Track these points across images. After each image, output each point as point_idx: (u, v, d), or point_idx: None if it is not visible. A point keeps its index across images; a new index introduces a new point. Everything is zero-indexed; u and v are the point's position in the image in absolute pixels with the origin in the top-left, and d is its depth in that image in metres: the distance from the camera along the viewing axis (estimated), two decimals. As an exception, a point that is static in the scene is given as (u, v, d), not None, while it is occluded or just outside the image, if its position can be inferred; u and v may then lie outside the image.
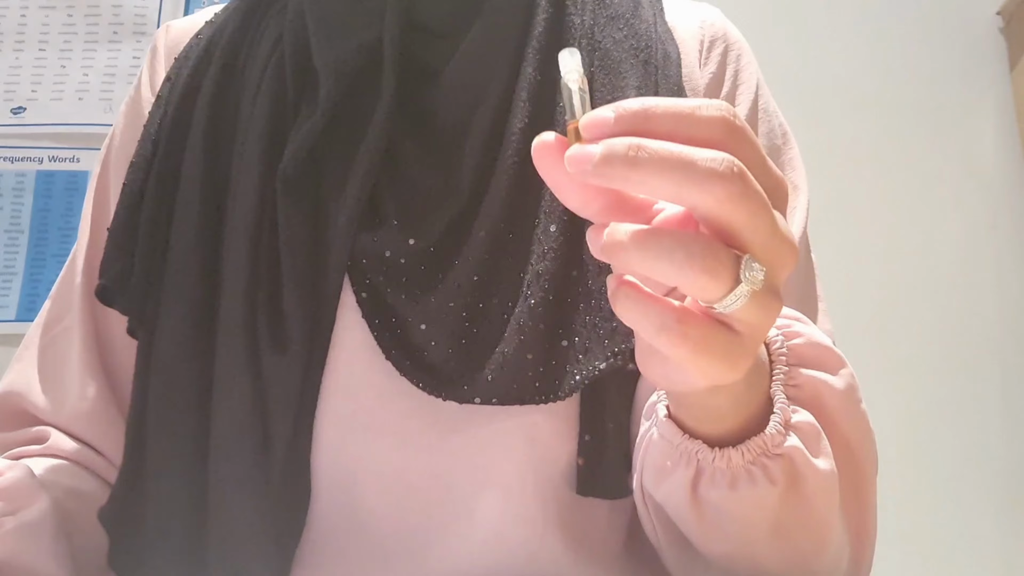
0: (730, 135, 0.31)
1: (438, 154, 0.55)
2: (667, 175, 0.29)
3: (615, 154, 0.30)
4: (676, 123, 0.30)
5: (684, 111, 0.31)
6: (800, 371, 0.44)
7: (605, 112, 0.31)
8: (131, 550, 0.54)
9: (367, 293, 0.53)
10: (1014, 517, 1.44)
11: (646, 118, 0.30)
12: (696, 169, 0.29)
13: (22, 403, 0.62)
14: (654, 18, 0.61)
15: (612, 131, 0.30)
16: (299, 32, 0.59)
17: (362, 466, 0.52)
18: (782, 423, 0.42)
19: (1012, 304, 1.54)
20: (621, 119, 0.30)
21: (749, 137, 0.31)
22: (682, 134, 0.30)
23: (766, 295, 0.31)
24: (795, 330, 0.45)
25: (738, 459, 0.41)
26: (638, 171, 0.29)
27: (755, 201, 0.30)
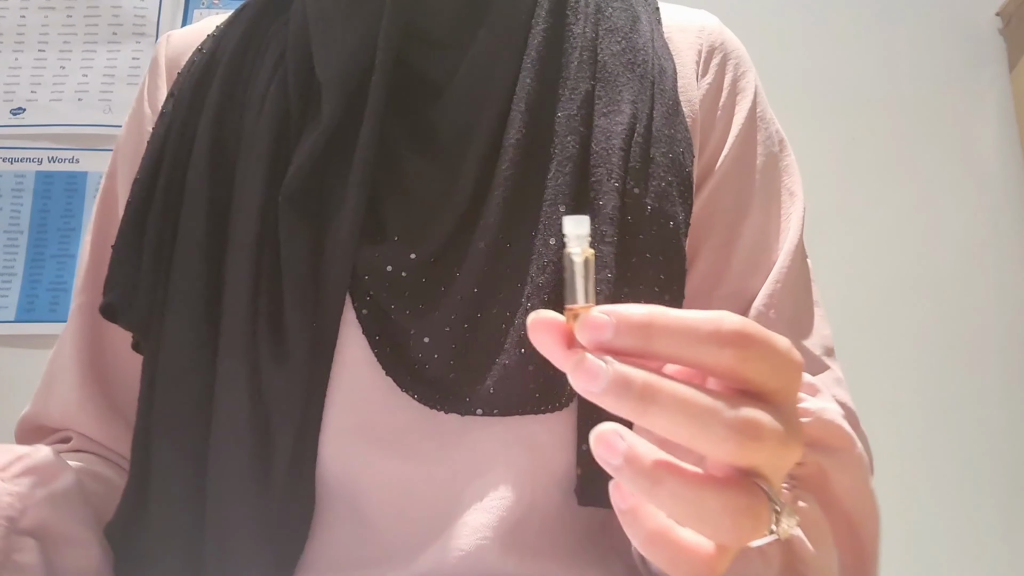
0: (743, 361, 0.29)
1: (439, 166, 0.55)
2: (680, 426, 0.28)
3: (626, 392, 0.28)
4: (681, 346, 0.29)
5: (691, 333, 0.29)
6: (807, 451, 0.43)
7: (603, 319, 0.29)
8: (135, 565, 0.54)
9: (368, 309, 0.53)
10: (1015, 517, 1.45)
11: (647, 335, 0.29)
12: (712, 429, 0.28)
13: (39, 420, 0.64)
14: (652, 32, 0.61)
15: (610, 344, 0.29)
16: (302, 47, 0.59)
17: (364, 479, 0.52)
18: None
19: (1012, 304, 1.54)
20: (621, 331, 0.29)
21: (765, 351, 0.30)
22: (688, 359, 0.29)
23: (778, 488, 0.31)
24: (805, 407, 0.44)
25: None
26: (649, 416, 0.28)
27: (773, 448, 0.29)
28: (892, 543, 0.52)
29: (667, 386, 0.28)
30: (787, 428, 0.30)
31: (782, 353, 0.30)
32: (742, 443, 0.28)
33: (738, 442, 0.28)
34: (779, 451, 0.29)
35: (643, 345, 0.29)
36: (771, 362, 0.30)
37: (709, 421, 0.28)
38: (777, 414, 0.30)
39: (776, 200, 0.62)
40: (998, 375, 1.51)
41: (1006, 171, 1.59)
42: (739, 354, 0.29)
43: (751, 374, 0.29)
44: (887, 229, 1.56)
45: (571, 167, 0.54)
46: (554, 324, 0.30)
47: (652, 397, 0.28)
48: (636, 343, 0.29)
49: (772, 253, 0.60)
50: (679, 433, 0.28)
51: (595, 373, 0.28)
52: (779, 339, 0.30)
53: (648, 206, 0.54)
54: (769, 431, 0.29)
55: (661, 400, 0.28)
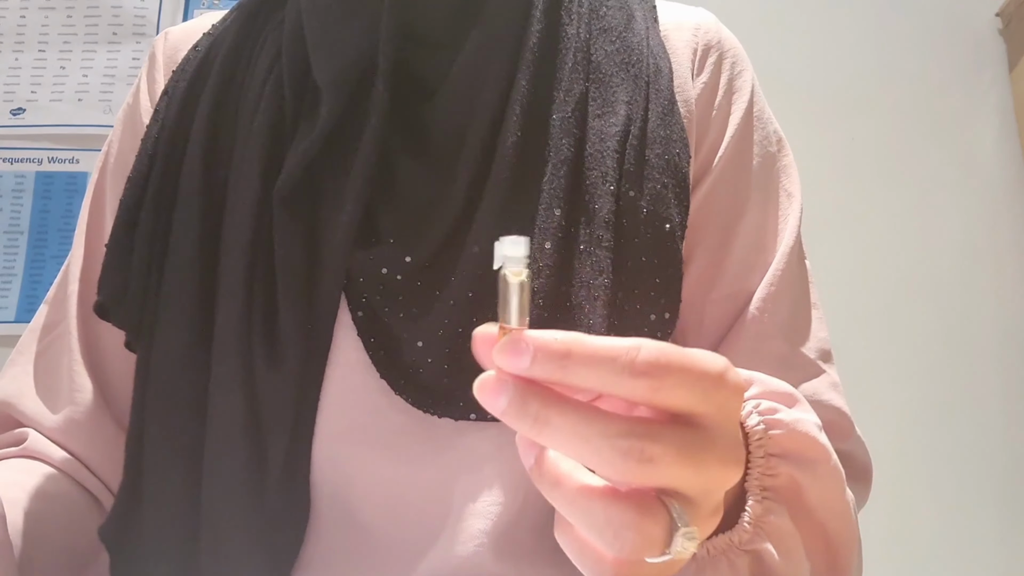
0: (658, 390, 0.29)
1: (434, 168, 0.55)
2: (572, 449, 0.29)
3: (522, 415, 0.29)
4: (597, 377, 0.29)
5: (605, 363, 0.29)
6: (779, 462, 0.44)
7: (522, 346, 0.29)
8: (131, 566, 0.54)
9: (362, 312, 0.53)
10: (1014, 517, 1.45)
11: (564, 365, 0.29)
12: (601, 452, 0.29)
13: (10, 412, 0.62)
14: (647, 31, 0.61)
15: (528, 370, 0.29)
16: (297, 47, 0.58)
17: (357, 482, 0.52)
18: (751, 522, 0.42)
19: (1012, 304, 1.53)
20: (539, 359, 0.29)
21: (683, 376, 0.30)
22: (604, 390, 0.30)
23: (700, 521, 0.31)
24: (778, 418, 0.44)
25: (703, 553, 0.42)
26: (543, 438, 0.30)
27: (672, 467, 0.29)
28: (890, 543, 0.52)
29: (561, 410, 0.29)
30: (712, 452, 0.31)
31: (710, 376, 0.31)
32: (629, 466, 0.29)
33: (625, 465, 0.29)
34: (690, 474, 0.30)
35: (560, 376, 0.29)
36: (693, 388, 0.30)
37: (597, 444, 0.29)
38: (703, 439, 0.31)
39: (773, 201, 0.61)
40: (996, 376, 1.51)
41: (1006, 172, 1.59)
42: (653, 384, 0.29)
43: (669, 402, 0.30)
44: (886, 230, 1.56)
45: (566, 170, 0.54)
46: (491, 339, 0.30)
47: (546, 420, 0.29)
48: (553, 373, 0.29)
49: (768, 255, 0.59)
50: (572, 453, 0.30)
51: (497, 392, 0.30)
52: (710, 364, 0.31)
53: (643, 209, 0.54)
54: (663, 455, 0.29)
55: (554, 423, 0.29)
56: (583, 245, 0.52)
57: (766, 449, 0.43)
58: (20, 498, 0.54)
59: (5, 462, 0.59)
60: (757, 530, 0.42)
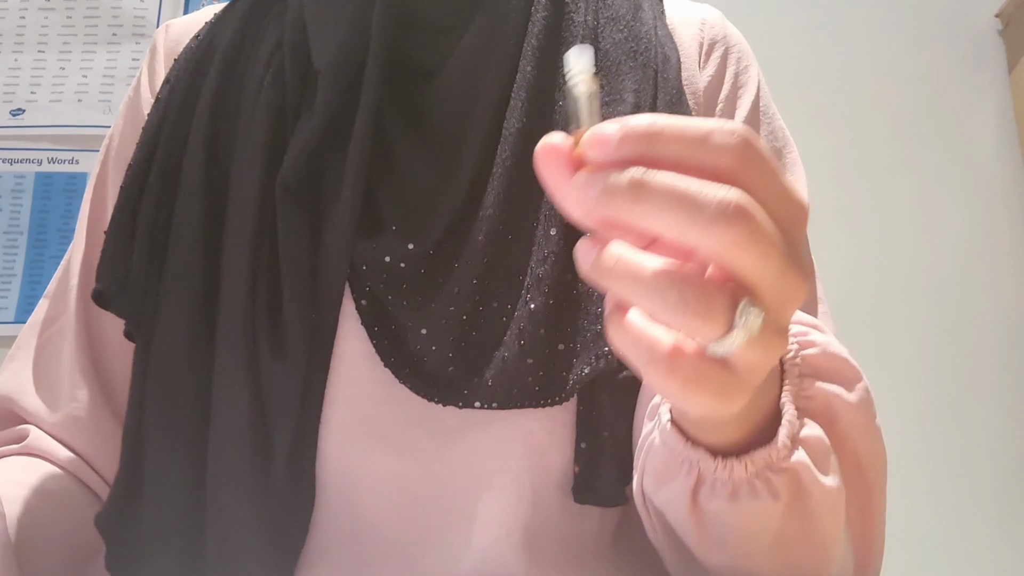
0: (745, 165, 0.29)
1: (436, 155, 0.55)
2: (670, 214, 0.28)
3: (617, 188, 0.28)
4: (685, 149, 0.29)
5: (694, 135, 0.29)
6: (813, 383, 0.43)
7: (610, 129, 0.29)
8: (128, 556, 0.53)
9: (366, 301, 0.52)
10: (1013, 517, 1.44)
11: (652, 141, 0.29)
12: (700, 211, 0.28)
13: (11, 407, 0.61)
14: (654, 20, 0.61)
15: (616, 152, 0.29)
16: (298, 35, 0.58)
17: (362, 473, 0.52)
18: (789, 437, 0.40)
19: (1012, 304, 1.53)
20: (625, 140, 0.29)
21: (766, 165, 0.29)
22: (692, 162, 0.29)
23: (768, 335, 0.30)
24: (811, 339, 0.44)
25: (740, 471, 0.40)
26: (640, 207, 0.28)
27: (762, 244, 0.28)
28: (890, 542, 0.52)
29: (657, 173, 0.28)
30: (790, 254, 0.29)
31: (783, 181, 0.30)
32: (731, 226, 0.28)
33: (727, 226, 0.28)
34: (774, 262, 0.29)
35: (647, 150, 0.29)
36: (772, 179, 0.29)
37: (700, 202, 0.28)
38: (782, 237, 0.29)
39: None
40: (996, 374, 1.51)
41: (1005, 172, 1.59)
42: (740, 155, 0.28)
43: (755, 182, 0.29)
44: (886, 229, 1.56)
45: None
46: (560, 149, 0.30)
47: (643, 184, 0.28)
48: (641, 149, 0.29)
49: None
50: (669, 220, 0.28)
51: (592, 181, 0.29)
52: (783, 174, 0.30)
53: None
54: (762, 223, 0.28)
55: (652, 184, 0.28)
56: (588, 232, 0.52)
57: (800, 369, 0.43)
58: (21, 496, 0.54)
59: (6, 459, 0.59)
60: (795, 446, 0.41)
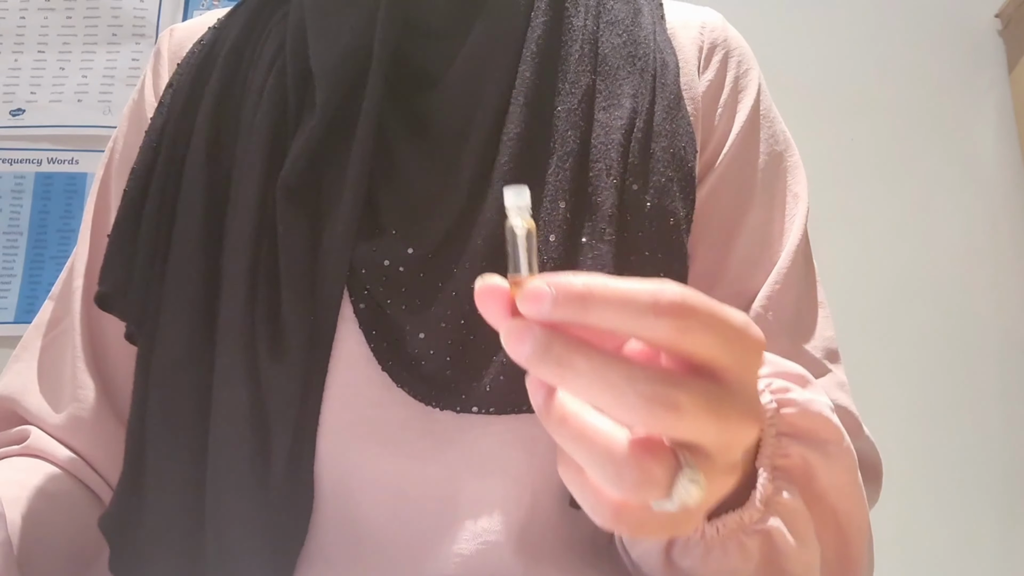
0: (683, 333, 0.29)
1: (437, 160, 0.55)
2: (594, 396, 0.29)
3: (544, 360, 0.29)
4: (619, 319, 0.28)
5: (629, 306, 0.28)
6: (791, 442, 0.43)
7: (543, 289, 0.29)
8: (131, 557, 0.54)
9: (365, 304, 0.53)
10: (1014, 517, 1.44)
11: (585, 307, 0.28)
12: (625, 399, 0.28)
13: (14, 408, 0.61)
14: (653, 25, 0.61)
15: (549, 313, 0.29)
16: (300, 40, 0.58)
17: (359, 476, 0.52)
18: (762, 501, 0.41)
19: (1012, 304, 1.54)
20: (558, 303, 0.28)
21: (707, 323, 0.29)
22: (626, 332, 0.29)
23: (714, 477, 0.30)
24: (790, 398, 0.44)
25: (712, 533, 0.41)
26: (566, 384, 0.29)
27: (696, 420, 0.29)
28: (890, 543, 0.52)
29: (585, 353, 0.28)
30: (733, 406, 0.30)
31: (732, 327, 0.30)
32: (655, 413, 0.28)
33: (649, 411, 0.28)
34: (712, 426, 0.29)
35: (582, 316, 0.29)
36: (716, 335, 0.29)
37: (622, 389, 0.28)
38: (725, 392, 0.30)
39: (779, 199, 0.61)
40: (996, 376, 1.51)
41: (1005, 172, 1.59)
42: (677, 325, 0.28)
43: (693, 347, 0.29)
44: (886, 230, 1.56)
45: (571, 162, 0.53)
46: (498, 291, 0.30)
47: (569, 363, 0.28)
48: (575, 314, 0.29)
49: (774, 253, 0.59)
50: (595, 399, 0.29)
51: (522, 338, 0.29)
52: (732, 314, 0.30)
53: (647, 203, 0.53)
54: (690, 404, 0.28)
55: (578, 366, 0.28)
56: (586, 239, 0.52)
57: (778, 428, 0.43)
58: (21, 497, 0.54)
59: (7, 460, 0.59)
60: (768, 509, 0.41)
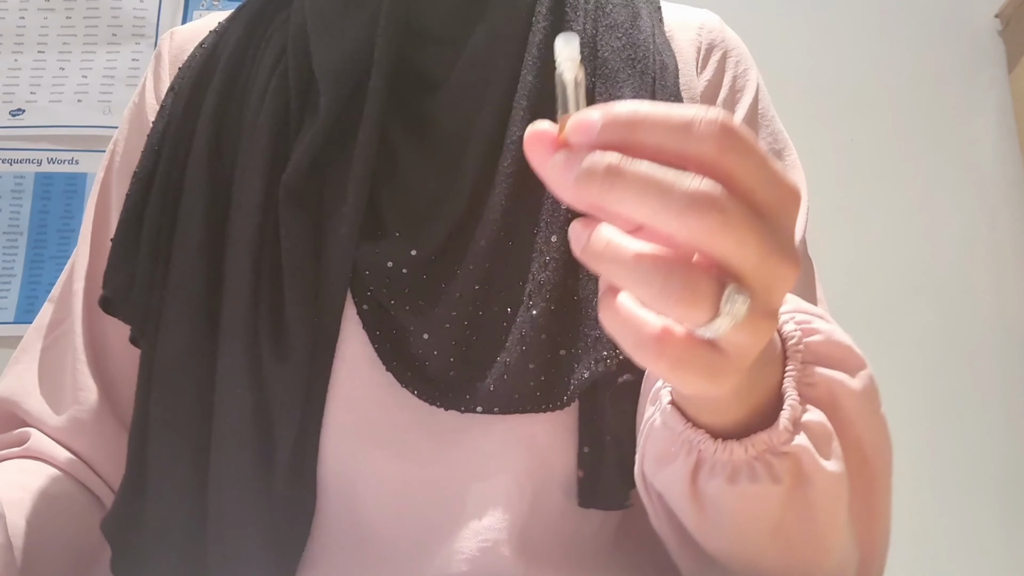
0: (725, 153, 0.29)
1: (439, 162, 0.55)
2: (644, 202, 0.29)
3: (593, 174, 0.29)
4: (665, 137, 0.29)
5: (675, 123, 0.29)
6: (816, 369, 0.43)
7: (592, 115, 0.30)
8: (133, 559, 0.54)
9: (368, 305, 0.53)
10: (1014, 518, 1.44)
11: (633, 128, 0.29)
12: (672, 201, 0.28)
13: (14, 410, 0.61)
14: (652, 28, 0.61)
15: (598, 138, 0.29)
16: (302, 43, 0.58)
17: (363, 477, 0.52)
18: (791, 421, 0.40)
19: (1012, 303, 1.54)
20: (607, 126, 0.29)
21: (749, 149, 0.29)
22: (672, 150, 0.29)
23: (755, 319, 0.30)
24: (814, 327, 0.44)
25: (740, 453, 0.40)
26: (615, 194, 0.29)
27: (737, 231, 0.29)
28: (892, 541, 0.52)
29: (633, 162, 0.29)
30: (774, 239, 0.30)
31: (771, 166, 0.30)
32: (701, 216, 0.28)
33: (697, 212, 0.28)
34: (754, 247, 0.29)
35: (628, 136, 0.29)
36: (757, 165, 0.30)
37: (671, 191, 0.28)
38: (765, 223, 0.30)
39: None
40: (996, 376, 1.51)
41: (1005, 172, 1.59)
42: (720, 143, 0.29)
43: (735, 169, 0.29)
44: (886, 230, 1.56)
45: None
46: (546, 135, 0.31)
47: (618, 172, 0.29)
48: (622, 136, 0.29)
49: None
50: (644, 208, 0.29)
51: (571, 163, 0.29)
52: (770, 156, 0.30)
53: None
54: (736, 212, 0.28)
55: (626, 173, 0.29)
56: None
57: (803, 355, 0.43)
58: (22, 499, 0.54)
59: (7, 462, 0.59)
60: (796, 429, 0.41)
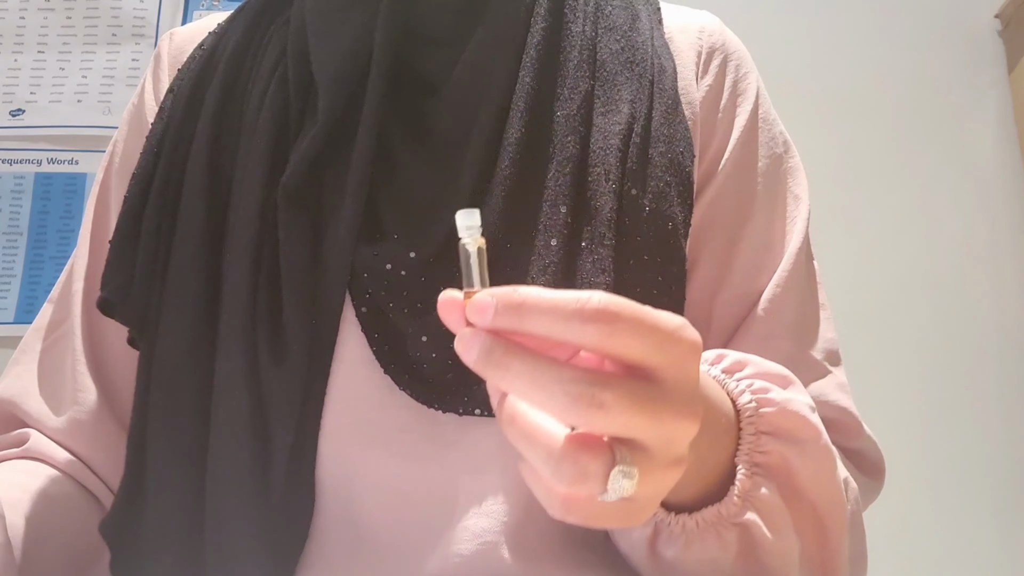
0: (608, 336, 0.31)
1: (438, 164, 0.55)
2: (532, 396, 0.32)
3: (487, 360, 0.32)
4: (551, 325, 0.31)
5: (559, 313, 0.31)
6: (770, 439, 0.45)
7: (486, 300, 0.32)
8: (131, 560, 0.54)
9: (366, 307, 0.53)
10: (1013, 517, 1.45)
11: (522, 315, 0.32)
12: (554, 396, 0.31)
13: (13, 411, 0.62)
14: (651, 31, 0.61)
15: (492, 322, 0.32)
16: (302, 46, 0.58)
17: (360, 479, 0.52)
18: (739, 496, 0.44)
19: (1012, 304, 1.54)
20: (500, 312, 0.32)
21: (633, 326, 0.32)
22: (558, 337, 0.32)
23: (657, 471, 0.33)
24: (769, 397, 0.46)
25: (692, 525, 0.44)
26: (506, 382, 0.32)
27: (623, 416, 0.31)
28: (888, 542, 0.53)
29: (520, 357, 0.32)
30: (666, 402, 0.32)
31: (661, 329, 0.32)
32: (580, 410, 0.31)
33: (576, 409, 0.31)
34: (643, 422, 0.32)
35: (519, 324, 0.32)
36: (643, 338, 0.32)
37: (552, 389, 0.31)
38: (657, 390, 0.32)
39: (781, 203, 0.61)
40: (996, 376, 1.51)
41: (1005, 173, 1.59)
42: (602, 330, 0.31)
43: (620, 350, 0.32)
44: (886, 230, 1.56)
45: (571, 167, 0.54)
46: (455, 303, 0.33)
47: (507, 365, 0.32)
48: (513, 322, 0.32)
49: (776, 256, 0.59)
50: (531, 398, 0.32)
51: (471, 344, 0.32)
52: (663, 317, 0.33)
53: (645, 207, 0.54)
54: (615, 402, 0.31)
55: (513, 368, 0.32)
56: (585, 243, 0.52)
57: (756, 427, 0.45)
58: (21, 499, 0.54)
59: (6, 463, 0.59)
60: (745, 503, 0.44)
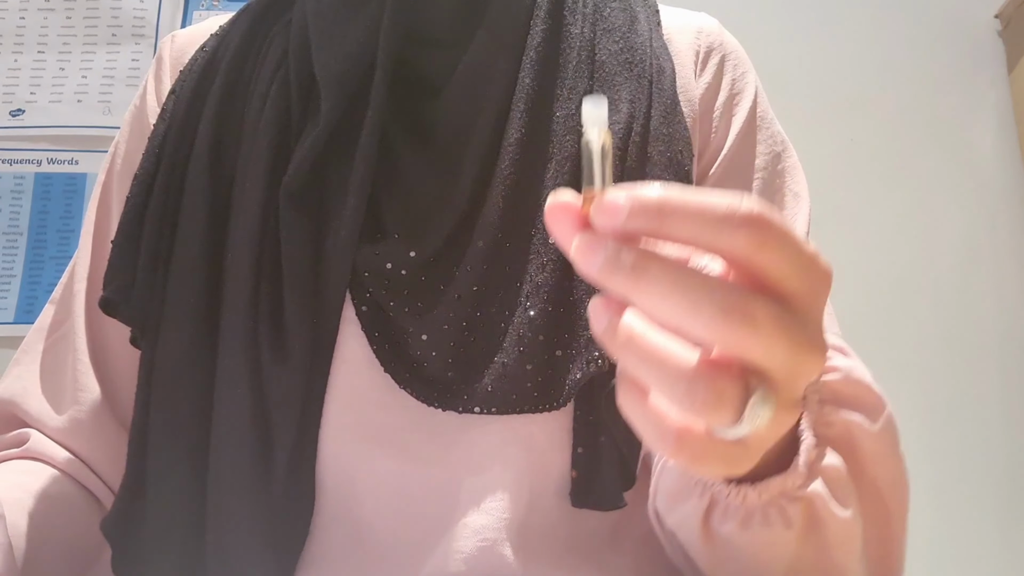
0: (760, 247, 0.28)
1: (439, 165, 0.56)
2: (669, 306, 0.28)
3: (617, 266, 0.28)
4: (697, 229, 0.28)
5: (707, 216, 0.28)
6: (834, 410, 0.43)
7: (620, 199, 0.28)
8: (133, 559, 0.54)
9: (367, 307, 0.53)
10: (1014, 517, 1.45)
11: (661, 217, 0.28)
12: (700, 307, 0.27)
13: (14, 411, 0.62)
14: (650, 32, 0.62)
15: (625, 224, 0.28)
16: (304, 47, 0.59)
17: (361, 477, 0.52)
18: (806, 466, 0.40)
19: (1012, 304, 1.54)
20: (634, 213, 0.28)
21: (784, 241, 0.28)
22: (704, 243, 0.28)
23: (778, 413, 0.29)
24: (833, 364, 0.43)
25: (754, 498, 0.40)
26: (639, 292, 0.28)
27: (769, 337, 0.27)
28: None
29: (660, 260, 0.28)
30: (803, 332, 0.28)
31: (805, 252, 0.29)
32: (729, 323, 0.27)
33: (725, 322, 0.27)
34: (783, 348, 0.28)
35: (657, 226, 0.28)
36: (790, 256, 0.28)
37: (698, 298, 0.27)
38: (794, 317, 0.28)
39: (779, 201, 0.61)
40: (996, 376, 1.51)
41: (1005, 172, 1.59)
42: (753, 238, 0.27)
43: (767, 264, 0.28)
44: (886, 230, 1.56)
45: (570, 167, 0.54)
46: (569, 208, 0.29)
47: (644, 269, 0.28)
48: (650, 225, 0.28)
49: None
50: (669, 310, 0.28)
51: (595, 248, 0.28)
52: (805, 241, 0.29)
53: None
54: (765, 319, 0.27)
55: (652, 273, 0.27)
56: None
57: (820, 395, 0.43)
58: (22, 499, 0.54)
59: (7, 463, 0.59)
60: (812, 474, 0.40)
